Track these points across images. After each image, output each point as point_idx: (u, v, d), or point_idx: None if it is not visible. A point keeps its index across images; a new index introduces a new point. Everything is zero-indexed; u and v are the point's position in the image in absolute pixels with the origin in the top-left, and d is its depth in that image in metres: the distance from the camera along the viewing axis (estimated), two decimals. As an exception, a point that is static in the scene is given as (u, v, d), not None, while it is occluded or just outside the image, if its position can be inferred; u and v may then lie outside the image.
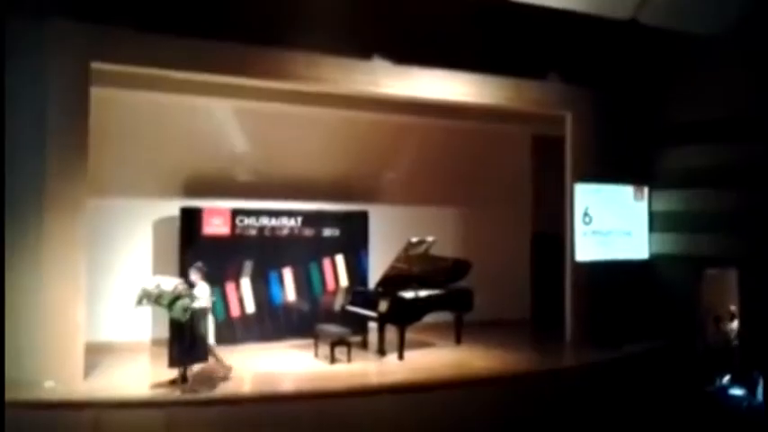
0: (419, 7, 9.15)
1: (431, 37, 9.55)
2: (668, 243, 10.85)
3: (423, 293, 9.52)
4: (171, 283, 7.46)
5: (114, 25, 7.82)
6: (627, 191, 10.95)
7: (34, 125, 7.44)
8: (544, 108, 10.77)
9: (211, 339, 8.22)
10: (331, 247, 10.56)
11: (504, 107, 10.59)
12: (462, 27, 9.59)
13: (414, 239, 9.52)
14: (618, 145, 10.82)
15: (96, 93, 8.03)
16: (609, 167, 10.70)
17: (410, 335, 9.40)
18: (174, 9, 8.26)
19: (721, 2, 9.15)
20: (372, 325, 9.68)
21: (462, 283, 10.14)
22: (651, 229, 11.05)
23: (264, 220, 10.12)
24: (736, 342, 9.45)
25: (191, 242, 9.59)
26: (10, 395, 6.15)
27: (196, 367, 7.60)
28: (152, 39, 8.02)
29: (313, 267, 10.45)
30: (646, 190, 11.06)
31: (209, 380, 7.72)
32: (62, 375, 7.43)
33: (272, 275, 10.18)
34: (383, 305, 9.26)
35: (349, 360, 8.83)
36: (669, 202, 10.86)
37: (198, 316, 7.48)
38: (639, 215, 11.04)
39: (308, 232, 10.40)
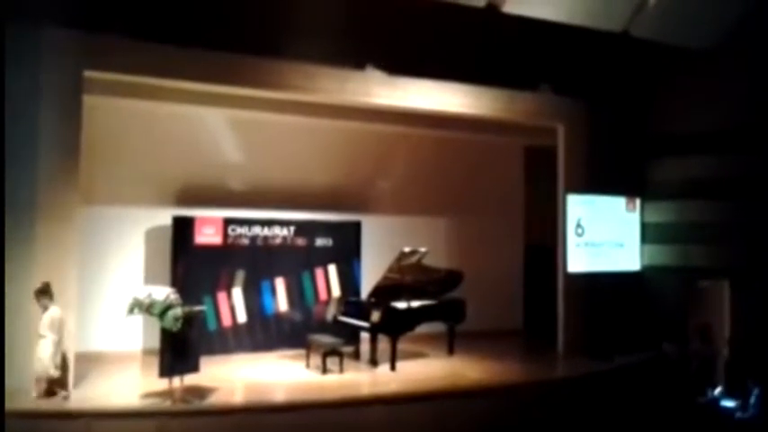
0: (412, 19, 9.18)
1: (424, 48, 9.59)
2: (660, 254, 10.87)
3: (415, 304, 9.50)
4: (162, 292, 7.42)
5: (108, 34, 7.83)
6: (619, 202, 10.97)
7: (26, 132, 7.41)
8: (536, 119, 10.82)
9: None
10: (323, 257, 10.55)
11: (496, 118, 10.62)
12: (455, 38, 9.62)
13: (406, 250, 9.51)
14: (610, 156, 10.86)
15: (89, 101, 8.03)
16: (601, 179, 10.74)
17: (403, 345, 9.36)
18: (168, 18, 8.27)
19: (713, 15, 9.22)
20: (365, 335, 9.67)
21: (455, 294, 10.13)
22: (643, 240, 11.08)
23: (257, 230, 10.11)
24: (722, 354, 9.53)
25: (183, 251, 9.56)
26: (-2, 405, 6.10)
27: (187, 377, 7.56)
28: (145, 48, 8.03)
29: (305, 277, 10.43)
30: (638, 201, 11.08)
31: (200, 390, 7.68)
32: (52, 385, 7.38)
33: (265, 285, 10.15)
34: (376, 315, 9.24)
35: (341, 371, 8.78)
36: (661, 213, 10.89)
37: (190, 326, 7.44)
38: (631, 227, 11.06)
39: (301, 242, 10.39)
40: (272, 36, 8.72)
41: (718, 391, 8.41)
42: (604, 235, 10.77)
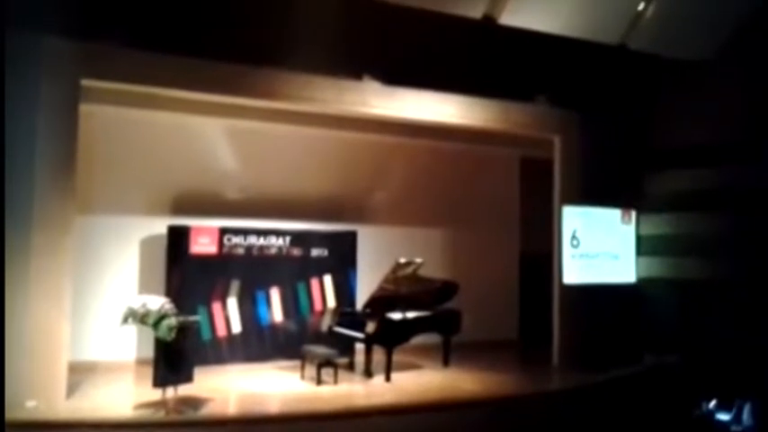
0: (409, 29, 9.20)
1: (420, 59, 9.61)
2: (655, 267, 10.89)
3: (410, 315, 9.48)
4: (157, 302, 7.39)
5: (105, 42, 7.81)
6: (614, 214, 10.99)
7: (24, 141, 7.37)
8: (532, 131, 10.84)
9: None
10: (319, 268, 10.51)
11: (492, 129, 10.65)
12: (452, 50, 9.64)
13: (402, 260, 9.50)
14: (606, 168, 10.88)
15: (85, 109, 8.02)
16: (597, 190, 10.75)
17: (397, 357, 9.35)
18: (166, 27, 8.27)
19: (710, 28, 9.27)
20: (360, 346, 9.63)
21: (450, 305, 10.11)
22: (638, 252, 11.09)
23: (252, 240, 10.08)
24: None
25: (178, 261, 9.53)
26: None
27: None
28: (143, 56, 8.02)
29: (300, 287, 10.40)
30: (633, 213, 11.11)
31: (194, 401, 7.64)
32: (44, 395, 7.32)
33: (260, 295, 10.11)
34: (371, 326, 9.22)
35: (335, 382, 8.76)
36: (656, 225, 10.92)
37: (184, 336, 7.41)
38: (627, 238, 11.07)
39: (296, 252, 10.36)
40: (270, 46, 8.72)
41: (713, 404, 8.39)
42: (600, 247, 10.79)
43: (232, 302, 9.92)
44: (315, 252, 10.49)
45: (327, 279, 10.57)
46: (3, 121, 6.51)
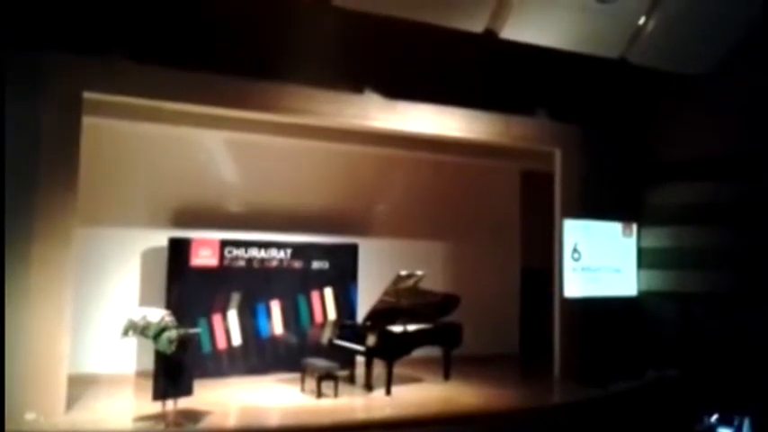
0: (411, 43, 9.26)
1: (422, 72, 9.67)
2: (656, 280, 10.87)
3: (411, 328, 9.46)
4: (157, 314, 7.38)
5: (108, 55, 7.87)
6: (615, 227, 10.99)
7: (24, 154, 7.40)
8: (533, 144, 10.86)
9: None
10: (320, 280, 10.52)
11: (493, 143, 10.67)
12: (453, 63, 9.70)
13: (403, 273, 9.49)
14: (606, 181, 10.92)
15: (88, 122, 8.03)
16: (597, 204, 10.77)
17: (398, 370, 9.31)
18: (168, 41, 8.33)
19: (710, 42, 9.31)
20: (360, 359, 9.61)
21: (451, 318, 10.09)
22: (639, 265, 11.08)
23: (253, 252, 10.08)
24: None
25: (179, 273, 9.53)
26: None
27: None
28: (145, 70, 8.07)
29: (301, 300, 10.40)
30: (634, 227, 11.11)
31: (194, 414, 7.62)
32: (44, 407, 7.31)
33: (260, 308, 10.11)
34: (371, 339, 9.19)
35: (336, 395, 8.72)
36: (657, 238, 10.91)
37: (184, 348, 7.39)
38: (628, 252, 11.07)
39: (297, 264, 10.36)
40: (271, 59, 8.77)
41: (714, 418, 8.36)
42: (601, 260, 10.77)
43: (232, 315, 9.92)
44: (315, 264, 10.49)
45: (328, 291, 10.57)
46: (3, 132, 6.55)
